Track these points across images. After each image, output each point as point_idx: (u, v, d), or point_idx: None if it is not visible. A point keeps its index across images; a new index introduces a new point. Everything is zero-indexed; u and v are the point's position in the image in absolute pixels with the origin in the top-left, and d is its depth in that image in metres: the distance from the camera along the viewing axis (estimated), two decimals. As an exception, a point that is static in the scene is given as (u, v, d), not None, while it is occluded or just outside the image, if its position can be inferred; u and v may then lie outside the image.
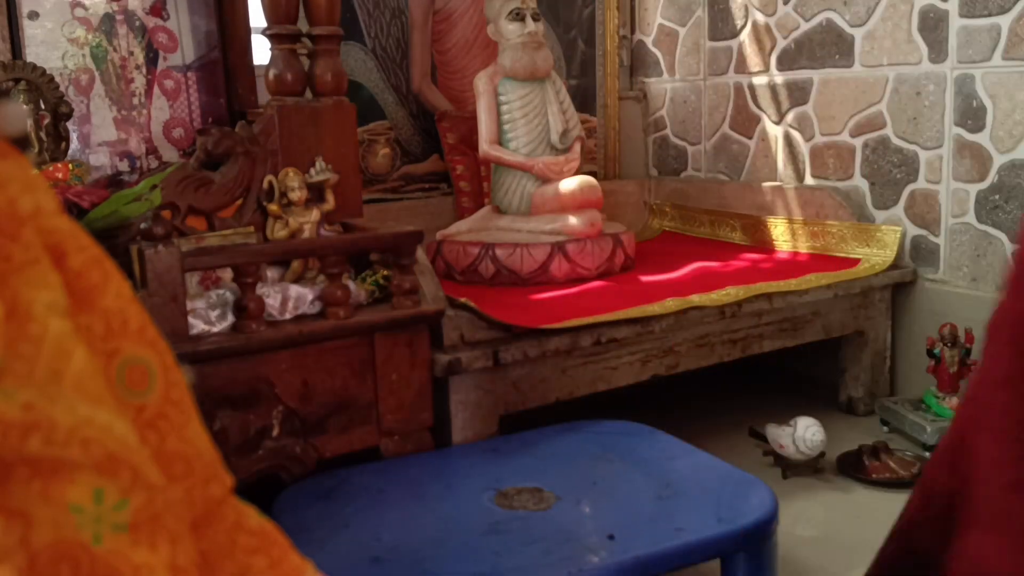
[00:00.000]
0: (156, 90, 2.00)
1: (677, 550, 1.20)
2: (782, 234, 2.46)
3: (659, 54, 2.92)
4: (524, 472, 1.45)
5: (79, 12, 1.91)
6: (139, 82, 1.98)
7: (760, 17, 2.57)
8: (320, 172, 1.63)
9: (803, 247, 2.40)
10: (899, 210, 2.25)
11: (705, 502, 1.32)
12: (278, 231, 1.60)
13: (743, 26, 2.63)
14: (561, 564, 1.15)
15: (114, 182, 1.78)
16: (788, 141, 2.54)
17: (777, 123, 2.56)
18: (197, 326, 1.40)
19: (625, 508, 1.33)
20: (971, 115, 2.08)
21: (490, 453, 1.55)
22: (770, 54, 2.55)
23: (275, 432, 1.45)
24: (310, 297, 1.51)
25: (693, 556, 1.22)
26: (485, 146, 2.28)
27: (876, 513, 1.75)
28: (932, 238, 2.19)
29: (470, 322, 1.64)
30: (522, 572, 1.15)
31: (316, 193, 1.64)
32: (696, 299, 1.89)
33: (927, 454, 1.97)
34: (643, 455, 1.52)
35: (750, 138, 2.65)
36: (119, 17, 1.95)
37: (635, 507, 1.32)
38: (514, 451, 1.55)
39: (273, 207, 1.60)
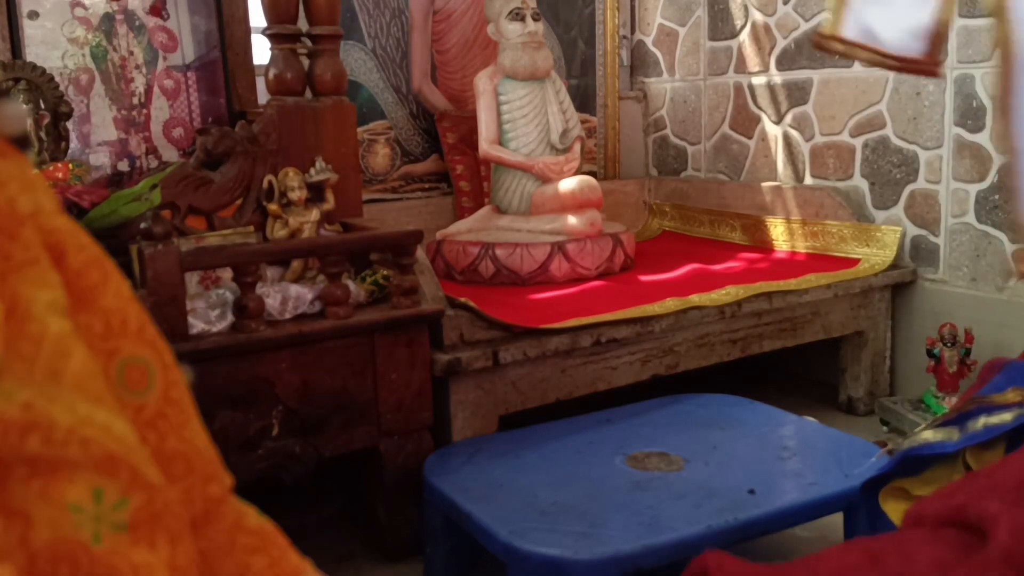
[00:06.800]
0: (156, 90, 2.00)
1: (813, 502, 1.30)
2: (782, 234, 2.46)
3: (659, 54, 2.92)
4: (644, 439, 1.53)
5: (79, 12, 1.91)
6: (139, 82, 1.98)
7: (760, 17, 2.57)
8: (320, 172, 1.63)
9: (803, 247, 2.40)
10: (899, 210, 2.25)
11: (827, 461, 1.43)
12: (278, 231, 1.61)
13: (743, 26, 2.63)
14: (717, 514, 1.23)
15: (114, 182, 1.78)
16: (788, 141, 2.54)
17: (777, 123, 2.56)
18: (197, 326, 1.40)
19: (753, 467, 1.41)
20: (971, 115, 2.08)
21: (604, 424, 1.61)
22: (770, 54, 2.55)
23: (275, 432, 1.45)
24: (310, 297, 1.51)
25: (825, 508, 1.33)
26: (485, 146, 2.28)
27: (876, 513, 1.74)
28: (932, 238, 2.19)
29: (470, 322, 1.64)
30: (681, 521, 1.22)
31: (316, 193, 1.64)
32: (696, 299, 1.89)
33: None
34: (751, 422, 1.60)
35: (750, 138, 2.65)
36: (119, 17, 1.95)
37: (762, 466, 1.41)
38: (626, 422, 1.62)
39: (273, 207, 1.60)
